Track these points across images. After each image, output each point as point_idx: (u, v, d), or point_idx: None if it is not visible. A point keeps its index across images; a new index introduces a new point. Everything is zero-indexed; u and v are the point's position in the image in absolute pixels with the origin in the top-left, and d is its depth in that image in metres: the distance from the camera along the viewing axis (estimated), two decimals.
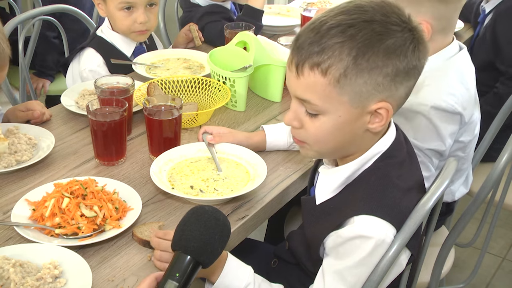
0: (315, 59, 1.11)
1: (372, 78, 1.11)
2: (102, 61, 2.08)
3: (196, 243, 1.05)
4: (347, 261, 1.16)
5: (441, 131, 1.61)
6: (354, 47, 1.09)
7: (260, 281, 1.27)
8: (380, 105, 1.13)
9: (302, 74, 1.13)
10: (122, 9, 2.04)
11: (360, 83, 1.11)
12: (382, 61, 1.10)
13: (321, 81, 1.12)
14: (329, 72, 1.10)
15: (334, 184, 1.24)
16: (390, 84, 1.13)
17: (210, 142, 1.60)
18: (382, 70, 1.11)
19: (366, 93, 1.12)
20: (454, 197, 1.86)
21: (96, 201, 1.34)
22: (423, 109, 1.60)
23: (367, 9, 1.12)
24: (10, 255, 1.22)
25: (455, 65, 1.69)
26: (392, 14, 1.12)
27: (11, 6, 2.78)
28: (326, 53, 1.10)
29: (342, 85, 1.11)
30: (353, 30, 1.10)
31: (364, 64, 1.10)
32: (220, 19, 2.47)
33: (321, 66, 1.11)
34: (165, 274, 1.04)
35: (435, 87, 1.63)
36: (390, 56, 1.10)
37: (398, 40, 1.11)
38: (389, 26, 1.11)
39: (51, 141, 1.63)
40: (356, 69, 1.10)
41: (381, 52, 1.10)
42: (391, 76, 1.12)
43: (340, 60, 1.10)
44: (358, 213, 1.15)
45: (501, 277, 2.63)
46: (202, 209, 1.09)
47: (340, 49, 1.09)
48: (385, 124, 1.17)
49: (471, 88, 1.70)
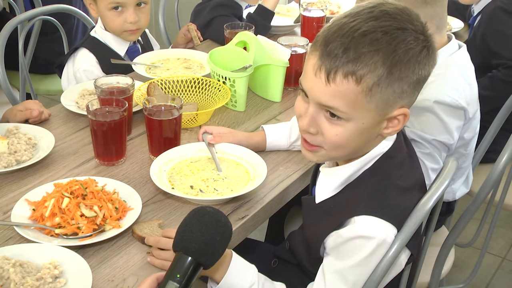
0: (350, 66, 1.09)
1: (400, 87, 1.11)
2: (95, 60, 2.09)
3: (197, 244, 1.05)
4: (348, 261, 1.16)
5: (448, 125, 1.62)
6: (389, 56, 1.09)
7: (264, 280, 1.27)
8: (401, 111, 1.14)
9: (334, 81, 1.10)
10: (111, 9, 2.05)
11: (389, 92, 1.11)
12: (411, 70, 1.11)
13: (353, 89, 1.10)
14: (364, 81, 1.09)
15: (334, 183, 1.24)
16: (413, 91, 1.14)
17: (210, 142, 1.60)
18: (409, 79, 1.12)
19: (392, 101, 1.13)
20: (455, 196, 1.86)
21: (96, 201, 1.34)
22: (427, 104, 1.61)
23: (395, 17, 1.12)
24: (10, 255, 1.22)
25: (457, 62, 1.70)
26: (417, 23, 1.13)
27: (11, 6, 2.77)
28: (362, 61, 1.08)
29: (373, 94, 1.10)
30: (387, 38, 1.09)
31: (396, 74, 1.10)
32: (230, 14, 2.48)
33: (356, 74, 1.09)
34: (166, 274, 1.04)
35: (439, 83, 1.64)
36: (418, 66, 1.12)
37: (424, 50, 1.12)
38: (417, 36, 1.12)
39: (51, 141, 1.63)
40: (389, 78, 1.10)
41: (411, 62, 1.11)
42: (414, 84, 1.13)
43: (375, 69, 1.09)
44: (358, 213, 1.15)
45: (501, 277, 2.63)
46: (204, 210, 1.09)
47: (375, 57, 1.08)
48: (399, 129, 1.18)
49: (473, 84, 1.71)
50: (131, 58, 2.17)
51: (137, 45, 2.21)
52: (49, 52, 2.82)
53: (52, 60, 2.36)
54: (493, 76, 2.32)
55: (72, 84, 2.10)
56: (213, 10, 2.49)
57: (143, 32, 2.27)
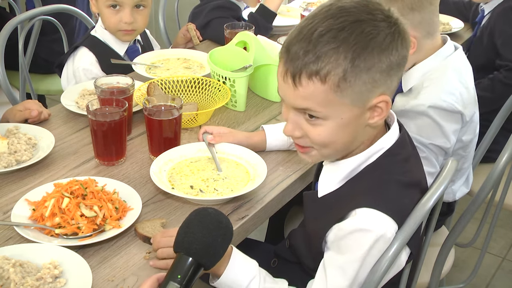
0: (312, 67, 1.11)
1: (370, 76, 1.12)
2: (95, 59, 2.09)
3: (199, 245, 1.05)
4: (348, 254, 1.17)
5: (444, 129, 1.62)
6: (349, 50, 1.10)
7: (265, 275, 1.27)
8: (380, 99, 1.15)
9: (300, 84, 1.13)
10: (109, 7, 2.06)
11: (359, 83, 1.11)
12: (378, 58, 1.11)
13: (321, 88, 1.12)
14: (329, 79, 1.11)
15: (337, 177, 1.25)
16: (386, 79, 1.14)
17: (210, 142, 1.60)
18: (378, 67, 1.12)
19: (366, 92, 1.13)
20: (455, 197, 1.86)
21: (96, 201, 1.34)
22: (423, 109, 1.61)
23: (351, 10, 1.12)
24: (10, 255, 1.22)
25: (452, 65, 1.69)
26: (376, 11, 1.13)
27: (11, 6, 2.78)
28: (323, 60, 1.10)
29: (342, 89, 1.11)
30: (344, 33, 1.10)
31: (361, 65, 1.10)
32: (229, 16, 2.48)
33: (320, 74, 1.11)
34: (167, 275, 1.04)
35: (434, 88, 1.64)
36: (384, 53, 1.12)
37: (388, 36, 1.12)
38: (376, 24, 1.12)
39: (51, 141, 1.63)
40: (355, 71, 1.10)
41: (375, 50, 1.11)
42: (386, 71, 1.13)
43: (338, 65, 1.10)
44: (359, 206, 1.16)
45: (501, 277, 2.63)
46: (205, 211, 1.09)
47: (336, 54, 1.10)
48: (385, 116, 1.18)
49: (470, 87, 1.70)
50: (131, 58, 2.18)
51: (137, 45, 2.22)
52: (49, 52, 2.82)
53: (52, 60, 2.37)
54: (494, 78, 2.32)
55: (72, 83, 2.10)
56: (211, 12, 2.49)
57: (143, 32, 2.27)
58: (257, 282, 1.24)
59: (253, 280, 1.24)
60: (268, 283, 1.26)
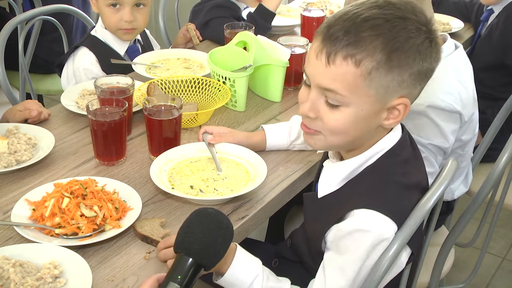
0: (349, 49, 1.11)
1: (400, 75, 1.13)
2: (95, 59, 2.09)
3: (199, 245, 1.05)
4: (347, 255, 1.17)
5: (443, 129, 1.62)
6: (389, 42, 1.10)
7: (268, 273, 1.27)
8: (401, 101, 1.15)
9: (333, 63, 1.13)
10: (109, 6, 2.06)
11: (389, 79, 1.12)
12: (411, 58, 1.12)
13: (353, 71, 1.12)
14: (363, 64, 1.11)
15: (337, 178, 1.25)
16: (413, 83, 1.15)
17: (210, 142, 1.60)
18: (410, 68, 1.13)
19: (391, 89, 1.14)
20: (454, 196, 1.86)
21: (96, 201, 1.34)
22: (421, 109, 1.60)
23: (399, 7, 1.14)
24: (10, 255, 1.22)
25: (452, 64, 1.69)
26: (420, 15, 1.15)
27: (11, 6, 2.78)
28: (362, 45, 1.11)
29: (372, 78, 1.12)
30: (388, 24, 1.11)
31: (395, 61, 1.11)
32: (228, 15, 2.48)
33: (356, 57, 1.11)
34: (167, 276, 1.04)
35: (433, 87, 1.63)
36: (418, 56, 1.13)
37: (425, 41, 1.13)
38: (419, 26, 1.13)
39: (51, 141, 1.63)
40: (389, 64, 1.11)
41: (412, 51, 1.12)
42: (415, 75, 1.14)
43: (374, 53, 1.11)
44: (358, 207, 1.16)
45: (501, 277, 2.63)
46: (206, 212, 1.09)
47: (375, 42, 1.10)
48: (401, 120, 1.19)
49: (470, 87, 1.70)
50: (131, 57, 2.18)
51: (137, 45, 2.22)
52: (49, 52, 2.82)
53: (52, 60, 2.37)
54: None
55: (72, 83, 2.10)
56: (211, 11, 2.49)
57: (143, 32, 2.27)
58: (260, 280, 1.24)
59: (256, 278, 1.24)
60: (271, 282, 1.26)
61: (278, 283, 1.28)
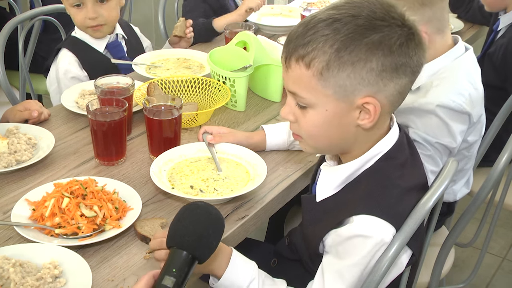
0: (300, 51, 1.13)
1: (355, 72, 1.11)
2: (73, 59, 2.11)
3: (191, 237, 1.05)
4: (347, 260, 1.17)
5: (452, 128, 1.62)
6: (338, 40, 1.10)
7: (264, 277, 1.27)
8: (367, 100, 1.13)
9: (290, 67, 1.16)
10: (73, 6, 2.10)
11: (343, 76, 1.11)
12: (365, 55, 1.10)
13: (305, 73, 1.14)
14: (313, 65, 1.12)
15: (334, 182, 1.24)
16: (377, 80, 1.12)
17: (210, 142, 1.60)
18: (365, 64, 1.11)
19: (351, 87, 1.12)
20: (456, 197, 1.86)
21: (96, 201, 1.34)
22: (431, 108, 1.60)
23: (356, 5, 1.13)
24: (10, 255, 1.22)
25: (463, 65, 1.69)
26: (380, 10, 1.13)
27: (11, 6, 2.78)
28: (311, 46, 1.12)
29: (325, 78, 1.12)
30: (338, 24, 1.11)
31: (346, 57, 1.10)
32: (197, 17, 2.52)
33: (305, 59, 1.13)
34: (162, 270, 1.04)
35: (444, 87, 1.63)
36: (374, 51, 1.10)
37: (384, 36, 1.10)
38: (374, 21, 1.11)
39: (51, 141, 1.63)
40: (338, 61, 1.11)
41: (364, 46, 1.10)
42: (376, 71, 1.11)
43: (323, 53, 1.11)
44: (357, 213, 1.16)
45: (501, 277, 2.63)
46: (195, 205, 1.10)
47: (324, 42, 1.11)
48: (373, 121, 1.15)
49: (479, 88, 1.70)
50: (112, 53, 2.18)
51: (119, 40, 2.21)
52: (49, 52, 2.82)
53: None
54: None
55: (54, 86, 2.13)
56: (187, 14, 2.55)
57: (129, 28, 2.28)
58: (256, 284, 1.24)
59: (252, 282, 1.24)
60: (267, 286, 1.26)
61: (274, 286, 1.28)
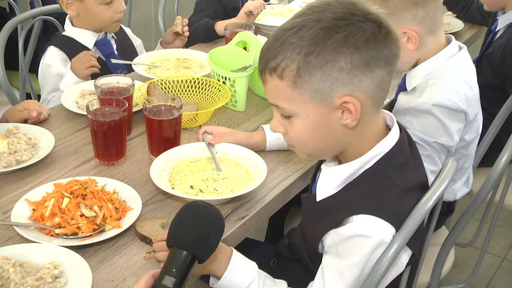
0: (271, 64, 1.14)
1: (326, 74, 1.11)
2: (56, 55, 2.14)
3: (191, 237, 1.05)
4: (347, 260, 1.17)
5: (448, 127, 1.62)
6: (304, 46, 1.10)
7: (264, 277, 1.27)
8: (345, 99, 1.13)
9: (266, 81, 1.17)
10: (102, 4, 2.11)
11: (315, 80, 1.11)
12: (332, 55, 1.10)
13: (280, 84, 1.14)
14: (285, 74, 1.13)
15: (335, 182, 1.24)
16: (349, 77, 1.12)
17: (210, 142, 1.60)
18: (334, 64, 1.10)
19: (326, 90, 1.12)
20: (456, 197, 1.86)
21: (96, 201, 1.34)
22: (427, 108, 1.61)
23: (318, 9, 1.13)
24: (10, 255, 1.22)
25: (457, 64, 1.69)
26: (341, 10, 1.12)
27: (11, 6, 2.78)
28: (280, 57, 1.12)
29: (299, 85, 1.12)
30: (302, 31, 1.11)
31: (314, 61, 1.10)
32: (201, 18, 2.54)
33: (277, 70, 1.13)
34: (162, 270, 1.04)
35: (439, 87, 1.64)
36: (340, 50, 1.10)
37: (347, 34, 1.10)
38: (335, 22, 1.11)
39: (51, 141, 1.63)
40: (308, 67, 1.11)
41: (329, 47, 1.10)
42: (347, 69, 1.11)
43: (292, 61, 1.11)
44: (357, 212, 1.16)
45: (501, 277, 2.63)
46: (195, 204, 1.10)
47: (292, 50, 1.11)
48: (356, 119, 1.15)
49: (474, 87, 1.70)
50: (101, 50, 2.20)
51: (107, 38, 2.23)
52: None
53: None
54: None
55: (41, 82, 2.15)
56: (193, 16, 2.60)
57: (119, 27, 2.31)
58: (256, 284, 1.24)
59: (252, 283, 1.24)
60: (267, 286, 1.26)
61: (274, 287, 1.28)
